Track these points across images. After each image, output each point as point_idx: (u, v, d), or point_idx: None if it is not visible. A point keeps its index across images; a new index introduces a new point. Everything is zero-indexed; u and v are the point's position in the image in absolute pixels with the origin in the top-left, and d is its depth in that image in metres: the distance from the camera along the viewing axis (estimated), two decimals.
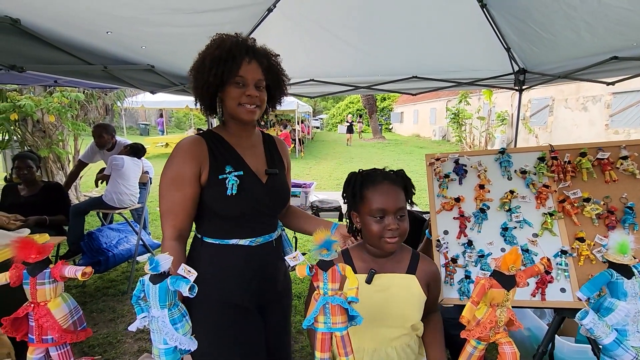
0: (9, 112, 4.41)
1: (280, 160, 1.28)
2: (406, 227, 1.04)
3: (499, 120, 12.96)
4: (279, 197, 1.22)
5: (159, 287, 0.72)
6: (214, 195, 1.09)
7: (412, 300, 1.07)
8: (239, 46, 1.07)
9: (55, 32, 1.48)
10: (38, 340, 0.75)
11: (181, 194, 1.07)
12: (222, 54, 1.05)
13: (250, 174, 1.14)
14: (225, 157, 1.12)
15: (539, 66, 2.95)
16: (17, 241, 0.71)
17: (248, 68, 1.08)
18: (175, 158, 1.09)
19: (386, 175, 1.07)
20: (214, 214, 1.11)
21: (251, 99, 1.09)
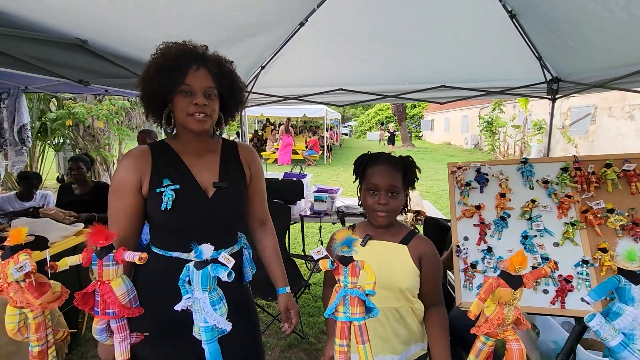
0: (65, 119, 4.86)
1: (238, 170, 1.19)
2: (396, 204, 1.16)
3: (535, 129, 12.46)
4: (225, 212, 1.13)
5: (202, 272, 0.84)
6: (152, 208, 1.07)
7: (401, 266, 1.17)
8: (185, 53, 1.03)
9: (114, 49, 1.69)
10: (102, 312, 0.88)
11: (121, 202, 1.07)
12: (167, 62, 1.01)
13: (193, 187, 1.09)
14: (167, 170, 1.08)
15: (572, 75, 2.89)
16: (90, 229, 0.86)
17: (195, 76, 1.03)
18: (119, 167, 1.09)
19: (386, 158, 1.20)
20: (156, 226, 1.11)
21: (199, 108, 1.04)
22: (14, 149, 3.93)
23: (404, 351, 1.19)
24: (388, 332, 1.17)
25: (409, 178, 1.20)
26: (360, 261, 0.87)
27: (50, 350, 0.91)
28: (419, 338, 1.22)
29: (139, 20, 1.58)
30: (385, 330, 1.17)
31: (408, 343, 1.20)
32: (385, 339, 1.17)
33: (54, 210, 2.77)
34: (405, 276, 1.16)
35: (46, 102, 5.25)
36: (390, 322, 1.17)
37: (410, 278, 1.16)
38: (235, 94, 1.14)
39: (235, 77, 1.13)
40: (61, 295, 0.90)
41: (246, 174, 1.21)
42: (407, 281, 1.16)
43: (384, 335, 1.17)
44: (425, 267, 1.17)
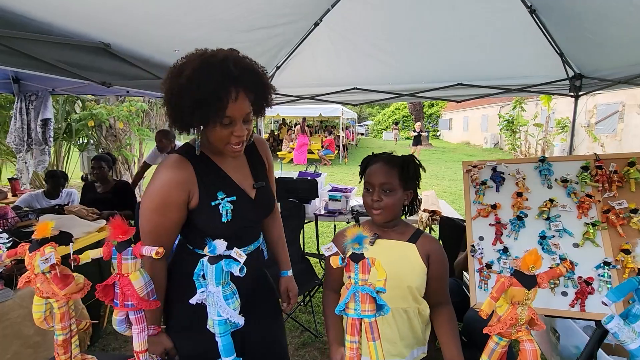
0: (87, 120, 5.05)
1: (262, 165, 1.24)
2: (391, 201, 1.15)
3: (558, 128, 12.06)
4: (267, 209, 1.23)
5: (215, 267, 0.87)
6: (207, 221, 1.07)
7: (410, 264, 1.16)
8: (222, 82, 0.92)
9: (136, 52, 1.75)
10: (121, 304, 0.92)
11: (166, 219, 1.04)
12: (204, 95, 0.91)
13: (241, 194, 1.12)
14: (215, 182, 1.08)
15: (597, 71, 2.79)
16: (110, 223, 0.90)
17: (235, 105, 0.95)
18: (159, 181, 1.02)
19: (384, 157, 1.19)
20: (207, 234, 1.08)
21: (239, 139, 1.02)
22: (39, 148, 4.11)
23: (408, 354, 1.18)
24: (395, 334, 1.16)
25: (408, 175, 1.17)
26: (371, 258, 0.87)
27: (74, 339, 0.96)
28: (421, 341, 1.21)
29: (160, 25, 1.63)
30: (392, 332, 1.16)
31: (412, 346, 1.19)
32: (392, 342, 1.16)
33: (78, 208, 2.88)
34: (416, 275, 1.16)
35: (71, 104, 5.47)
36: (397, 324, 1.16)
37: (419, 277, 1.16)
38: (267, 99, 1.07)
39: (267, 84, 1.05)
40: (84, 287, 0.95)
41: (266, 165, 1.27)
42: (416, 280, 1.15)
43: (390, 337, 1.16)
44: (432, 265, 1.17)
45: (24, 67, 1.33)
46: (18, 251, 0.90)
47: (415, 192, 1.23)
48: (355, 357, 0.89)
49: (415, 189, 1.22)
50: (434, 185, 8.38)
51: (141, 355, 0.95)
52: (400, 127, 30.13)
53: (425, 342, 1.21)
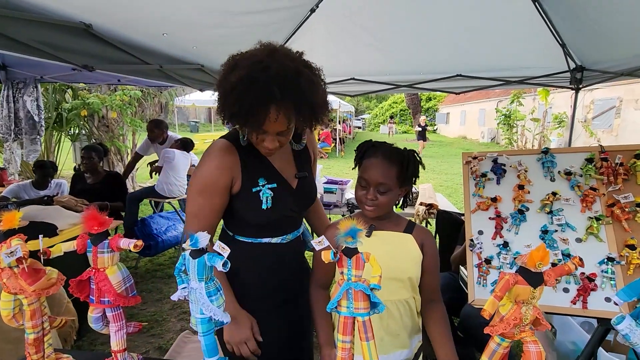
0: (80, 109, 4.93)
1: (307, 156, 1.25)
2: (385, 200, 1.09)
3: (555, 122, 12.05)
4: (308, 199, 1.24)
5: (198, 261, 0.80)
6: (248, 207, 1.10)
7: (409, 255, 1.12)
8: (265, 102, 0.91)
9: (120, 35, 1.66)
10: (97, 301, 0.86)
11: (208, 202, 1.07)
12: (245, 109, 0.92)
13: (283, 183, 1.13)
14: (258, 168, 1.10)
15: (598, 63, 2.73)
16: (85, 214, 0.83)
17: (272, 124, 0.96)
18: (206, 165, 1.07)
19: (384, 150, 1.10)
20: (246, 222, 1.13)
21: (269, 150, 1.04)
22: (29, 138, 4.00)
23: (410, 344, 1.16)
24: (399, 326, 1.12)
25: (408, 173, 1.10)
26: (365, 253, 0.81)
27: (47, 338, 0.90)
28: (418, 328, 1.19)
29: (145, 6, 1.54)
30: (397, 324, 1.12)
31: (412, 336, 1.16)
32: (395, 334, 1.13)
33: (67, 198, 2.81)
34: (415, 265, 1.12)
35: (62, 92, 5.33)
36: (401, 316, 1.12)
37: (418, 267, 1.13)
38: (316, 119, 1.03)
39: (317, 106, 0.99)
40: (57, 282, 0.88)
41: (311, 157, 1.27)
42: (416, 270, 1.12)
43: (394, 330, 1.12)
44: (427, 256, 1.13)
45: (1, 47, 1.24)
46: None
47: (411, 188, 1.18)
48: (347, 358, 0.84)
49: (411, 185, 1.17)
50: (431, 179, 8.35)
51: (119, 354, 0.89)
52: (397, 120, 30.06)
53: (419, 328, 1.18)
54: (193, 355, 1.56)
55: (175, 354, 1.58)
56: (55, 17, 1.34)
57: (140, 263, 3.64)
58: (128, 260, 3.75)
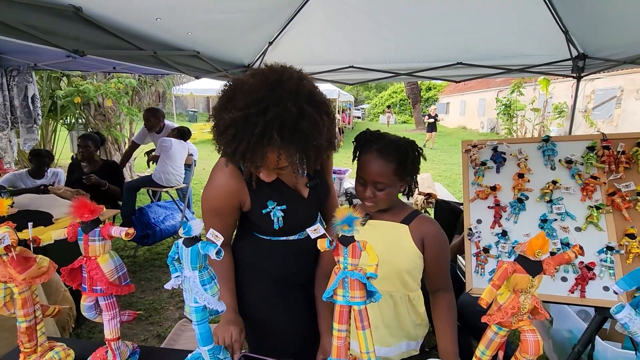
0: (74, 96, 4.86)
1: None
2: (384, 196, 1.07)
3: (556, 112, 11.97)
4: (321, 203, 1.22)
5: (191, 250, 0.79)
6: (261, 225, 1.11)
7: (400, 247, 1.09)
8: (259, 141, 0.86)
9: (112, 19, 1.61)
10: (89, 289, 0.85)
11: (219, 221, 1.09)
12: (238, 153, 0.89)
13: (293, 198, 1.11)
14: (266, 190, 1.07)
15: (601, 51, 2.68)
16: (74, 202, 0.81)
17: (270, 161, 0.92)
18: (213, 189, 1.07)
19: (381, 145, 1.06)
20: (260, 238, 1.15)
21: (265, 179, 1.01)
22: (25, 126, 3.95)
23: (394, 345, 1.13)
24: (378, 319, 1.09)
25: (406, 168, 1.07)
26: (362, 241, 0.80)
27: (39, 326, 0.89)
28: (411, 335, 1.14)
29: None
30: (375, 317, 1.08)
31: (399, 338, 1.13)
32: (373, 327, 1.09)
33: (63, 189, 2.78)
34: (405, 257, 1.08)
35: (56, 80, 5.25)
36: (381, 309, 1.10)
37: (410, 260, 1.09)
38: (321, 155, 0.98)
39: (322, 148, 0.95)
40: (48, 271, 0.87)
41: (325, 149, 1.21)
42: (406, 262, 1.08)
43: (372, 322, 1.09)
44: (428, 248, 1.09)
45: None
46: None
47: (413, 179, 1.14)
48: (343, 347, 0.83)
49: (414, 176, 1.13)
50: (430, 169, 8.33)
51: (113, 343, 0.88)
52: (397, 110, 29.88)
53: (417, 339, 1.15)
54: (190, 343, 1.56)
55: (173, 341, 1.58)
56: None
57: (138, 252, 3.64)
58: (127, 249, 3.75)
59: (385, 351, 1.12)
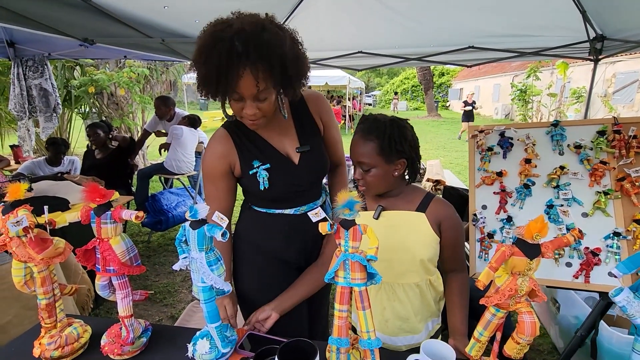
0: (88, 86, 4.94)
1: (312, 127, 1.18)
2: (372, 179, 1.06)
3: (573, 97, 11.60)
4: (314, 173, 1.17)
5: (198, 232, 0.82)
6: (249, 188, 1.14)
7: (420, 236, 1.08)
8: (227, 58, 0.88)
9: (120, 8, 1.63)
10: (103, 270, 0.89)
11: (214, 187, 1.13)
12: (211, 73, 0.90)
13: (280, 160, 1.12)
14: (251, 150, 1.10)
15: (621, 32, 2.57)
16: (86, 186, 0.85)
17: (242, 82, 0.90)
18: (206, 154, 1.13)
19: (364, 126, 1.06)
20: (255, 196, 1.17)
21: (250, 117, 0.99)
22: (43, 115, 4.05)
23: (423, 329, 1.14)
24: (408, 310, 1.11)
25: (389, 147, 1.02)
26: (362, 225, 0.82)
27: (58, 303, 0.94)
28: (434, 312, 1.16)
29: None
30: (405, 309, 1.10)
31: (425, 319, 1.14)
32: (404, 319, 1.11)
33: (78, 177, 2.87)
34: (426, 247, 1.08)
35: (70, 70, 5.34)
36: (410, 300, 1.10)
37: (431, 247, 1.08)
38: (291, 76, 0.97)
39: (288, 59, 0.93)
40: (64, 251, 0.91)
41: (319, 127, 1.20)
42: (427, 252, 1.08)
43: (403, 314, 1.11)
44: (445, 232, 1.08)
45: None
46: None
47: (411, 160, 1.08)
48: (343, 326, 0.85)
49: (410, 157, 1.08)
50: (441, 156, 8.23)
51: (126, 320, 0.93)
52: (409, 97, 29.39)
53: (439, 313, 1.17)
54: (201, 324, 1.62)
55: (185, 322, 1.64)
56: None
57: (152, 237, 3.74)
58: (141, 234, 3.86)
59: (417, 338, 1.13)
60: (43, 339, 0.91)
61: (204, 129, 4.10)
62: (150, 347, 0.98)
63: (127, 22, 1.67)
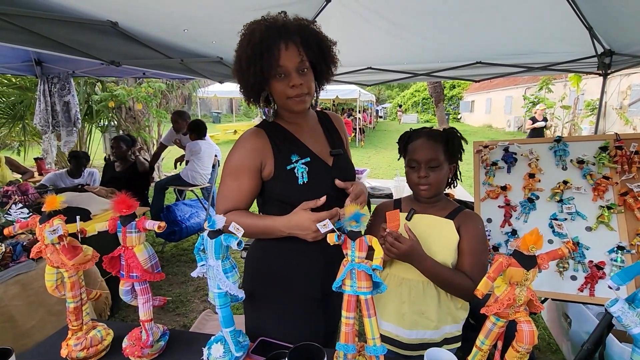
0: (108, 101, 5.16)
1: (339, 138, 1.24)
2: (438, 177, 1.13)
3: (588, 110, 11.47)
4: (345, 177, 1.15)
5: (215, 241, 0.88)
6: (285, 186, 1.08)
7: (446, 241, 1.13)
8: (270, 34, 0.98)
9: (144, 32, 1.76)
10: (127, 275, 0.96)
11: (237, 184, 1.09)
12: (256, 50, 0.98)
13: (317, 159, 1.12)
14: (289, 147, 1.10)
15: (629, 46, 2.60)
16: (115, 198, 0.93)
17: (286, 55, 0.98)
18: (236, 149, 1.10)
19: (427, 131, 1.17)
20: (285, 204, 1.08)
21: (297, 89, 1.02)
22: (65, 129, 4.25)
23: (440, 329, 1.17)
24: (426, 307, 1.15)
25: (453, 149, 1.17)
26: (368, 236, 0.87)
27: (85, 307, 1.01)
28: (455, 319, 1.18)
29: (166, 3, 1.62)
30: (423, 306, 1.15)
31: (444, 322, 1.16)
32: (420, 313, 1.16)
33: (98, 189, 3.00)
34: (450, 251, 1.13)
35: (92, 86, 5.60)
36: (430, 298, 1.14)
37: (453, 253, 1.13)
38: (325, 57, 1.07)
39: (321, 38, 1.06)
40: (92, 258, 0.99)
41: (343, 140, 1.26)
42: (451, 256, 1.13)
43: (420, 310, 1.16)
44: (463, 237, 1.12)
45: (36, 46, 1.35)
46: (29, 223, 0.94)
47: (457, 166, 1.22)
48: (350, 333, 0.90)
49: (457, 163, 1.21)
50: None
51: (147, 324, 0.99)
52: (419, 109, 29.43)
53: (460, 321, 1.19)
54: (213, 332, 1.67)
55: (198, 330, 1.70)
56: (84, 16, 1.44)
57: (166, 248, 3.84)
58: (155, 245, 3.96)
59: (430, 334, 1.17)
60: (70, 340, 0.98)
61: (216, 141, 4.24)
62: (168, 350, 1.03)
63: (149, 45, 1.79)
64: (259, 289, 1.18)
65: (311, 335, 1.10)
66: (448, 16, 2.62)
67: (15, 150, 5.96)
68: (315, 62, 1.06)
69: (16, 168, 4.30)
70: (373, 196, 2.93)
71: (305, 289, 1.16)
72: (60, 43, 1.39)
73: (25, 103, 5.08)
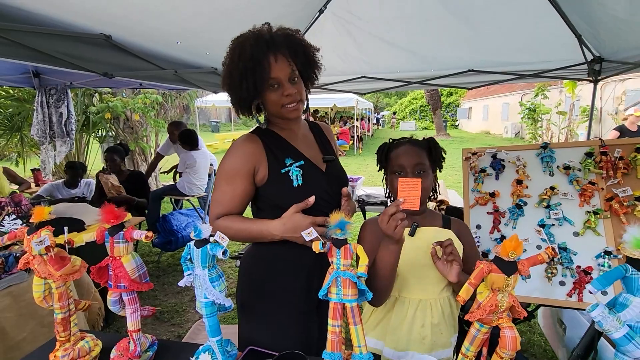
0: (105, 112, 5.20)
1: (330, 146, 1.27)
2: (426, 184, 1.09)
3: (583, 115, 11.54)
4: (340, 184, 1.20)
5: (201, 250, 0.89)
6: (279, 189, 1.09)
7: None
8: (259, 47, 1.01)
9: (137, 44, 1.79)
10: (114, 286, 0.96)
11: (230, 188, 1.09)
12: (248, 65, 1.01)
13: (310, 163, 1.14)
14: (283, 151, 1.12)
15: (618, 53, 2.64)
16: (102, 209, 0.94)
17: (277, 66, 1.03)
18: (230, 154, 1.11)
19: (409, 140, 1.17)
20: (280, 209, 1.08)
21: (291, 97, 1.06)
22: (61, 139, 4.27)
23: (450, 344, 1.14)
24: (443, 324, 1.11)
25: (436, 156, 1.16)
26: (353, 244, 0.88)
27: (73, 318, 1.01)
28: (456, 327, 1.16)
29: (158, 16, 1.65)
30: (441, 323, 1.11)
31: (452, 334, 1.14)
32: (439, 333, 1.11)
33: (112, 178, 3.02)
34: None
35: (89, 97, 5.64)
36: (444, 314, 1.11)
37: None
38: (311, 64, 1.12)
39: (306, 45, 1.10)
40: (80, 269, 0.99)
41: (333, 147, 1.30)
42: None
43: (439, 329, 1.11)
44: (465, 244, 1.13)
45: (31, 59, 1.38)
46: (17, 234, 0.95)
47: (436, 177, 1.20)
48: (337, 341, 0.90)
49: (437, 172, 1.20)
50: (449, 175, 8.23)
51: (134, 334, 0.99)
52: (417, 117, 29.65)
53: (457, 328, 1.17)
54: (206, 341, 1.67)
55: (190, 339, 1.69)
56: (78, 30, 1.46)
57: (162, 257, 3.83)
58: (151, 254, 3.95)
59: (447, 353, 1.13)
60: (57, 351, 0.98)
61: (214, 151, 4.27)
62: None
63: (142, 57, 1.82)
64: (251, 299, 1.18)
65: (304, 345, 1.11)
66: (439, 26, 2.67)
67: (13, 161, 5.98)
68: (302, 70, 1.10)
69: (13, 179, 4.31)
70: (368, 204, 2.94)
71: (298, 299, 1.16)
72: (54, 56, 1.41)
73: (23, 114, 5.12)
